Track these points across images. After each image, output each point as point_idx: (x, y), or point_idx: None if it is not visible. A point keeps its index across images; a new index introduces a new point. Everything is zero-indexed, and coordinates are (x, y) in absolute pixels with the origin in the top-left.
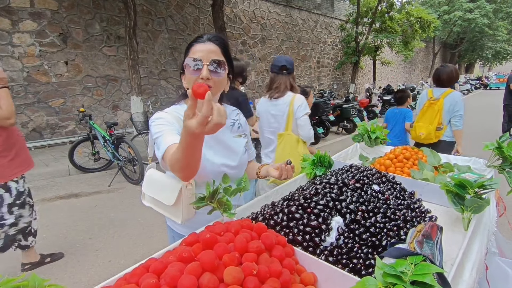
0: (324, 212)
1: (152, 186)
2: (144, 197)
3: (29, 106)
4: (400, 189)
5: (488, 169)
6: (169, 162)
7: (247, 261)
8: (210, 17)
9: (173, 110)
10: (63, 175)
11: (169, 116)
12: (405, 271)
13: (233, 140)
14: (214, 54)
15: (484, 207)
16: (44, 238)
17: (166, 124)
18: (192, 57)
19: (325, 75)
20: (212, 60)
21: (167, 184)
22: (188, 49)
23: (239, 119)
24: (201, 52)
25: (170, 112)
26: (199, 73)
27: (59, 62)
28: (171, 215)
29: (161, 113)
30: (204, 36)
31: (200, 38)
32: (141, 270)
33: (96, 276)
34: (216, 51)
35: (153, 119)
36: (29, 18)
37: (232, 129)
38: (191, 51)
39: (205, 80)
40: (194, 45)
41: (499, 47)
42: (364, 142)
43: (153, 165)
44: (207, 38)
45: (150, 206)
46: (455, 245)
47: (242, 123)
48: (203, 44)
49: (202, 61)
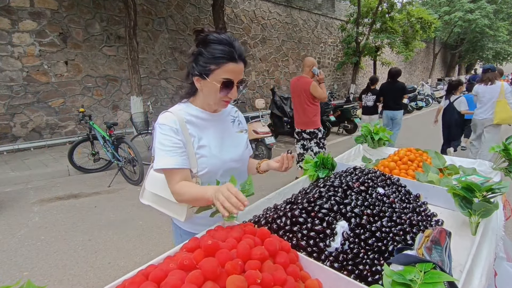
0: (329, 216)
1: (157, 184)
2: (144, 195)
3: (28, 106)
4: (405, 192)
5: (494, 171)
6: (178, 196)
7: (250, 268)
8: (211, 17)
9: (178, 109)
10: (62, 175)
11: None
12: (415, 279)
13: (235, 135)
14: (242, 73)
15: (492, 211)
16: (43, 240)
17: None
18: (226, 78)
19: (326, 76)
20: (240, 81)
21: None
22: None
23: (238, 116)
24: (234, 73)
25: (177, 114)
26: (228, 92)
27: (59, 62)
28: (173, 213)
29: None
30: (236, 53)
31: (231, 53)
32: (141, 278)
33: (95, 279)
34: (243, 69)
35: (161, 127)
36: (29, 18)
37: (233, 125)
38: (224, 67)
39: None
40: (227, 64)
41: (499, 47)
42: (367, 144)
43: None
44: (239, 57)
45: (149, 204)
46: (462, 250)
47: (241, 119)
48: (236, 64)
49: (234, 83)
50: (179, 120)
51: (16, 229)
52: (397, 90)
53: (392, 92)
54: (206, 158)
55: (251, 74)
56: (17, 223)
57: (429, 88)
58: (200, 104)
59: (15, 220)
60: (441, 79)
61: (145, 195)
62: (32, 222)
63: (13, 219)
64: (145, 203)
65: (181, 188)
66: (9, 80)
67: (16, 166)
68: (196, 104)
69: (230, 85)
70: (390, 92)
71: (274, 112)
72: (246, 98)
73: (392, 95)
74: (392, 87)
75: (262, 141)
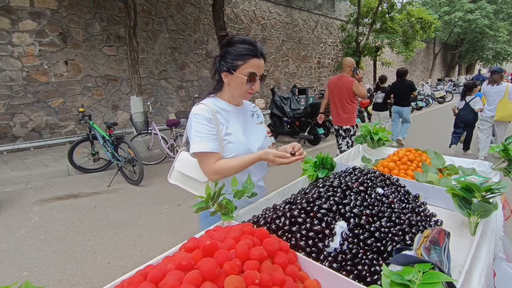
0: (328, 216)
1: (187, 165)
2: (172, 175)
3: (28, 106)
4: (404, 192)
5: (493, 171)
6: (216, 175)
7: (249, 269)
8: (211, 17)
9: (211, 103)
10: (62, 175)
11: (209, 112)
12: (413, 280)
13: (255, 127)
14: (263, 68)
15: (491, 212)
16: (42, 240)
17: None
18: (252, 72)
19: (326, 76)
20: (262, 75)
21: None
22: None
23: (256, 110)
24: (258, 67)
25: (209, 105)
26: (252, 84)
27: (58, 62)
28: (199, 192)
29: (203, 106)
30: (258, 49)
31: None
32: (139, 278)
33: (95, 279)
34: (264, 65)
35: (197, 116)
36: (28, 18)
37: (253, 118)
38: (249, 62)
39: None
40: (252, 59)
41: (499, 48)
42: (366, 144)
43: (184, 149)
44: (261, 54)
45: (176, 183)
46: (461, 251)
47: (259, 113)
48: (259, 60)
49: (257, 76)
50: (211, 110)
51: (15, 229)
52: (405, 88)
53: (401, 90)
54: (233, 144)
55: None
56: (16, 223)
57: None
58: (226, 98)
59: (14, 220)
60: (441, 79)
61: (173, 175)
62: (32, 222)
63: (12, 219)
64: (173, 182)
65: (219, 166)
66: (9, 80)
67: (16, 166)
68: (223, 98)
69: (254, 77)
70: (399, 90)
71: (274, 112)
72: None
73: (401, 93)
74: (401, 85)
75: None
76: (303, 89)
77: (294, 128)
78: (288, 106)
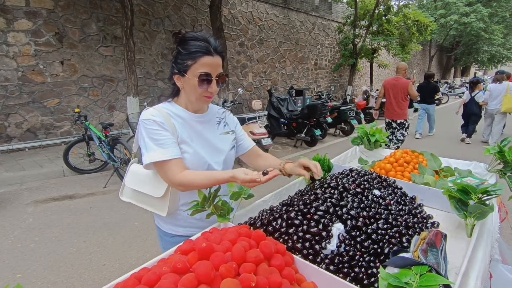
0: (325, 218)
1: (138, 180)
2: (123, 192)
3: (23, 106)
4: (401, 194)
5: (489, 173)
6: (183, 186)
7: (245, 271)
8: (208, 18)
9: (164, 108)
10: (57, 176)
11: (162, 117)
12: (410, 282)
13: (219, 138)
14: (220, 67)
15: (488, 213)
16: (37, 241)
17: (161, 131)
18: (204, 72)
19: (323, 77)
20: (219, 75)
21: (155, 177)
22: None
23: (225, 117)
24: (211, 66)
25: (160, 110)
26: (207, 86)
27: (54, 62)
28: (155, 208)
29: (154, 111)
30: (211, 45)
31: (207, 48)
32: (133, 281)
33: (90, 281)
34: (221, 63)
35: (146, 122)
36: (24, 17)
37: (218, 127)
38: (200, 61)
39: (213, 93)
40: (203, 57)
41: (494, 50)
42: (363, 145)
43: (135, 161)
44: (215, 51)
45: (129, 201)
46: (458, 252)
47: (228, 121)
48: (212, 57)
49: (212, 76)
50: (162, 115)
51: (9, 231)
52: (431, 89)
53: (427, 90)
54: (188, 155)
55: (248, 75)
56: (10, 224)
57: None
58: (183, 104)
59: (8, 222)
60: (436, 81)
61: (125, 192)
62: (26, 224)
63: (6, 220)
64: (125, 200)
65: (186, 180)
66: (4, 80)
67: (10, 166)
68: (180, 103)
69: (208, 79)
70: (426, 90)
71: (271, 114)
72: (243, 99)
73: (427, 92)
74: (427, 86)
75: (259, 142)
76: (300, 91)
77: (291, 129)
78: (285, 107)
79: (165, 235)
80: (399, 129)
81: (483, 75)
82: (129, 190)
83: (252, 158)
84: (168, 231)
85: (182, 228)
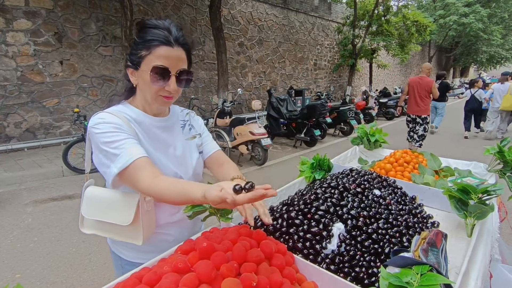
0: (325, 218)
1: (97, 208)
2: (84, 223)
3: (22, 106)
4: (401, 193)
5: (489, 173)
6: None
7: (246, 271)
8: (207, 18)
9: (117, 110)
10: (56, 176)
11: (118, 119)
12: (411, 282)
13: (186, 144)
14: (182, 62)
15: (488, 213)
16: (36, 242)
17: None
18: (159, 65)
19: (322, 77)
20: (180, 71)
21: (119, 200)
22: (149, 42)
23: (190, 119)
24: (168, 59)
25: (114, 113)
26: (164, 83)
27: (54, 62)
28: (127, 237)
29: (106, 115)
30: (172, 36)
31: (166, 37)
32: (134, 281)
33: (89, 281)
34: (184, 58)
35: (98, 126)
36: (23, 17)
37: (183, 131)
38: (155, 52)
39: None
40: (159, 47)
41: (493, 51)
42: (363, 145)
43: (91, 182)
44: (175, 40)
45: (94, 233)
46: (458, 252)
47: (193, 123)
48: (171, 49)
49: (170, 72)
50: (119, 117)
51: (8, 231)
52: (442, 87)
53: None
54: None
55: (247, 75)
56: (9, 224)
57: None
58: (140, 105)
59: (7, 222)
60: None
61: (86, 223)
62: (25, 224)
63: (5, 220)
64: (88, 233)
65: (157, 187)
66: (3, 80)
67: (9, 166)
68: (136, 104)
69: (164, 74)
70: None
71: (270, 114)
72: (243, 100)
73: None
74: (439, 85)
75: (258, 143)
76: (299, 91)
77: (291, 129)
78: (284, 107)
79: (127, 265)
80: (422, 123)
81: (487, 76)
82: (90, 221)
83: (213, 166)
84: (134, 260)
85: (149, 254)
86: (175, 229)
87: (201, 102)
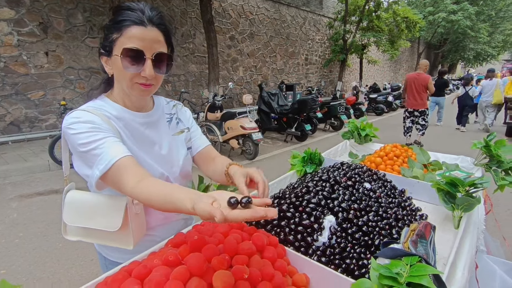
0: (316, 210)
1: (81, 214)
2: (68, 230)
3: (6, 98)
4: (391, 187)
5: (476, 167)
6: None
7: (237, 264)
8: (198, 10)
9: (93, 106)
10: (42, 170)
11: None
12: (401, 272)
13: (173, 141)
14: (159, 44)
15: (474, 206)
16: (21, 237)
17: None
18: (131, 47)
19: (313, 72)
20: (157, 54)
21: (105, 204)
22: (119, 23)
23: (176, 112)
24: (142, 40)
25: (93, 111)
26: (138, 68)
27: (38, 53)
28: (116, 243)
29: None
30: (145, 14)
31: (138, 17)
32: (123, 275)
33: (77, 276)
34: (161, 40)
35: (73, 126)
36: (6, 6)
37: (169, 126)
38: (126, 33)
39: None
40: (130, 27)
41: (480, 48)
42: (353, 140)
43: (71, 186)
44: (149, 19)
45: (80, 240)
46: (446, 244)
47: (181, 116)
48: (145, 29)
49: (144, 55)
50: (95, 114)
51: None
52: (442, 83)
53: (439, 84)
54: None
55: (238, 69)
56: None
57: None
58: (120, 98)
59: None
60: None
61: (69, 230)
62: (10, 219)
63: None
64: (73, 239)
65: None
66: None
67: None
68: (115, 98)
69: (138, 57)
70: (437, 84)
71: (261, 108)
72: (234, 94)
73: (439, 87)
74: (439, 81)
75: (249, 137)
76: (290, 86)
77: (282, 124)
78: (275, 102)
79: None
80: (420, 116)
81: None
82: (73, 228)
83: (203, 162)
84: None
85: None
86: (166, 231)
87: (191, 96)
